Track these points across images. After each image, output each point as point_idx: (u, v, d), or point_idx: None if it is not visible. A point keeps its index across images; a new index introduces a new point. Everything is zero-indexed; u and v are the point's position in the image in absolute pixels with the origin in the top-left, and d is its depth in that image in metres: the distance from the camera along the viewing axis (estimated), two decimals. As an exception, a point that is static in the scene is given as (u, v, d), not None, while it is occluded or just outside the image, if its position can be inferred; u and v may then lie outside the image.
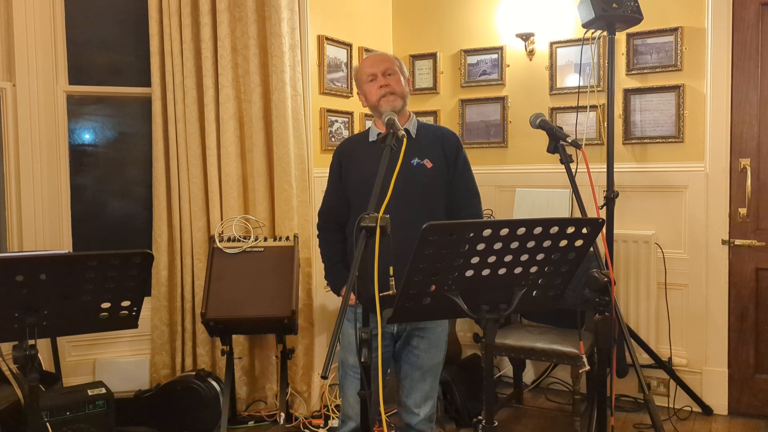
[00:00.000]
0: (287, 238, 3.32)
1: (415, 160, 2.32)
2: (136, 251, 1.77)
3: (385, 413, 1.94)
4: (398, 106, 2.34)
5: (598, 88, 3.70)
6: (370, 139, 2.42)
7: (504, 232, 1.56)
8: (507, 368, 3.93)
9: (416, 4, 4.30)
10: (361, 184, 2.32)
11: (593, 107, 3.73)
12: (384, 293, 1.72)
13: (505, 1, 3.98)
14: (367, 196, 2.24)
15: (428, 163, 2.35)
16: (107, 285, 1.81)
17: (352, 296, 2.30)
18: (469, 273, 1.62)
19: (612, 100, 3.40)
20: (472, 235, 1.54)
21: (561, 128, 2.26)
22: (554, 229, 1.60)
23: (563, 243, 1.64)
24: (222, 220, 3.43)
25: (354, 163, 2.41)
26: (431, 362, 2.37)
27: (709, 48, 3.46)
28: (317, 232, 2.58)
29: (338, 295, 2.47)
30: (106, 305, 1.86)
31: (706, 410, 3.51)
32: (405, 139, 1.91)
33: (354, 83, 2.56)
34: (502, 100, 4.04)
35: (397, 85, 2.36)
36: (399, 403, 2.44)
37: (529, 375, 3.97)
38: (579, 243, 1.66)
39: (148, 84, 3.46)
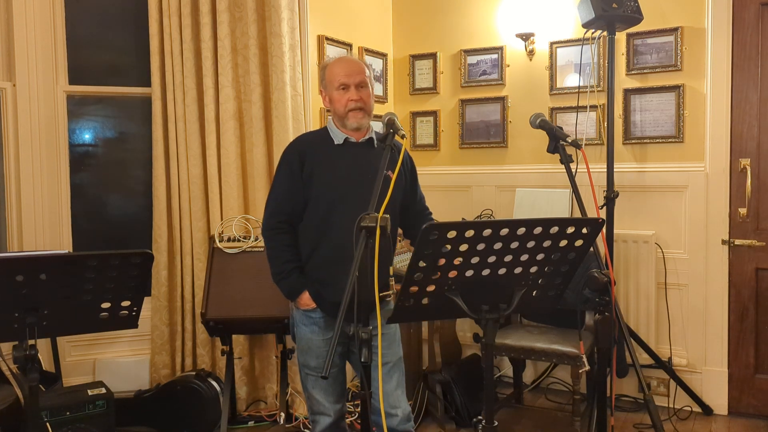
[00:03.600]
0: (287, 238, 3.32)
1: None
2: (136, 251, 1.77)
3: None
4: (365, 124, 2.33)
5: (598, 88, 3.70)
6: (336, 142, 2.34)
7: (504, 232, 1.56)
8: (507, 368, 3.93)
9: (416, 4, 4.30)
10: (331, 190, 2.28)
11: (593, 107, 3.73)
12: (384, 293, 1.72)
13: (505, 1, 3.97)
14: (337, 201, 2.25)
15: (391, 174, 2.27)
16: (107, 285, 1.81)
17: (312, 303, 2.31)
18: (469, 273, 1.62)
19: (612, 100, 3.40)
20: (472, 234, 1.54)
21: (561, 128, 2.27)
22: (554, 229, 1.60)
23: (563, 243, 1.64)
24: (222, 220, 3.43)
25: (320, 165, 2.30)
26: (394, 357, 2.39)
27: (709, 48, 3.46)
28: (265, 232, 2.38)
29: (293, 300, 2.35)
30: (106, 305, 1.86)
31: (706, 410, 3.50)
32: (404, 140, 1.91)
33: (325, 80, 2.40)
34: (502, 100, 4.04)
35: (368, 101, 2.32)
36: (372, 411, 2.40)
37: (529, 375, 3.97)
38: (579, 243, 1.66)
39: (148, 84, 3.46)
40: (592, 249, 1.77)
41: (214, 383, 3.30)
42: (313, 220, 2.30)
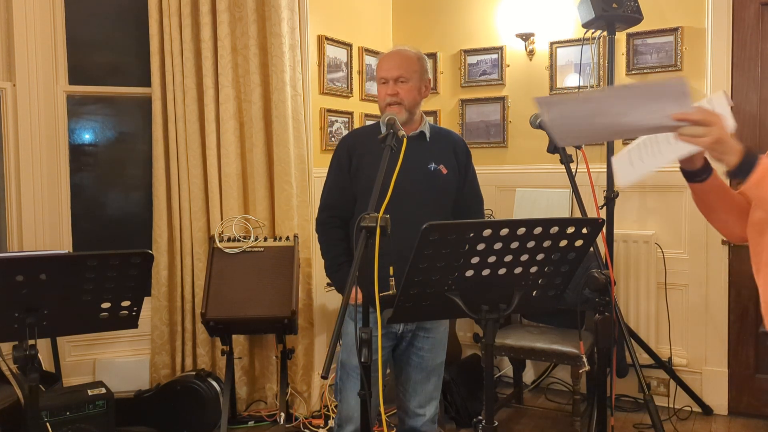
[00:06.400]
0: (287, 238, 3.32)
1: (432, 165, 2.32)
2: (136, 251, 1.77)
3: (385, 413, 1.94)
4: (402, 117, 2.28)
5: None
6: None
7: (504, 232, 1.56)
8: (507, 368, 3.93)
9: (416, 4, 4.30)
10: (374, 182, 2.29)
11: (593, 107, 3.72)
12: (384, 293, 1.72)
13: (505, 1, 3.98)
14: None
15: (444, 169, 2.33)
16: (107, 285, 1.80)
17: (359, 295, 2.29)
18: (469, 273, 1.61)
19: (612, 100, 3.39)
20: (472, 235, 1.54)
21: (561, 128, 2.26)
22: (554, 229, 1.60)
23: (563, 243, 1.64)
24: (222, 220, 3.43)
25: (367, 159, 2.30)
26: (435, 362, 2.37)
27: (709, 48, 3.46)
28: (318, 227, 2.43)
29: (343, 294, 2.39)
30: (106, 305, 1.86)
31: (706, 410, 3.51)
32: (405, 140, 1.91)
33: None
34: (502, 100, 4.04)
35: (407, 95, 2.30)
36: (400, 407, 2.40)
37: (529, 375, 3.97)
38: (579, 243, 1.66)
39: (148, 84, 3.46)
40: (592, 249, 1.77)
41: (214, 383, 3.30)
42: (359, 215, 2.29)
